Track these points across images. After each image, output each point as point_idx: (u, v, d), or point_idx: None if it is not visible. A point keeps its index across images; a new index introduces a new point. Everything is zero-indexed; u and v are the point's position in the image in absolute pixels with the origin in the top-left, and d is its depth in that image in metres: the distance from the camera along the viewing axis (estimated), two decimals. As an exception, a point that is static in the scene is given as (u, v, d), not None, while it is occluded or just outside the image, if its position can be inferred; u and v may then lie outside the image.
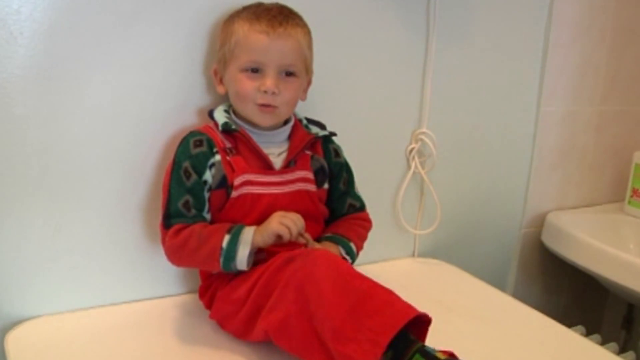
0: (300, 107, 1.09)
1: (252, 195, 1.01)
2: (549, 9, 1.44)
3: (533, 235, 1.58)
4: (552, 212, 1.57)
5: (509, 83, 1.45)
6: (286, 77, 1.01)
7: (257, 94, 1.00)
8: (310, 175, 1.06)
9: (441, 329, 1.07)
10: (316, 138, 1.09)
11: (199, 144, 1.01)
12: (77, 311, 1.09)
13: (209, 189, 1.01)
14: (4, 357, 0.97)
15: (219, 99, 1.10)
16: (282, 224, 0.94)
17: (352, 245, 1.07)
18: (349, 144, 1.16)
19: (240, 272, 0.98)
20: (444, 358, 0.82)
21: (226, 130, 1.02)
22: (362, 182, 1.17)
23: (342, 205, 1.13)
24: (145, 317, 1.08)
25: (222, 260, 0.94)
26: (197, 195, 0.99)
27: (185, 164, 0.99)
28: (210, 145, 1.01)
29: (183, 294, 1.17)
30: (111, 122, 1.05)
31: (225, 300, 1.00)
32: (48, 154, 1.02)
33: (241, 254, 0.94)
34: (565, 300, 1.70)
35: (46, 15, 0.97)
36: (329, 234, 1.08)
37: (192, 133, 1.03)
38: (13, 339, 1.00)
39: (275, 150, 1.05)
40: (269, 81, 0.99)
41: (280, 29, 0.98)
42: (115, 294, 1.12)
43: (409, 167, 1.36)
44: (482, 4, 1.36)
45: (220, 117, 1.04)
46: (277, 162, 1.04)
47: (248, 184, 1.01)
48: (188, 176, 0.99)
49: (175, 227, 0.97)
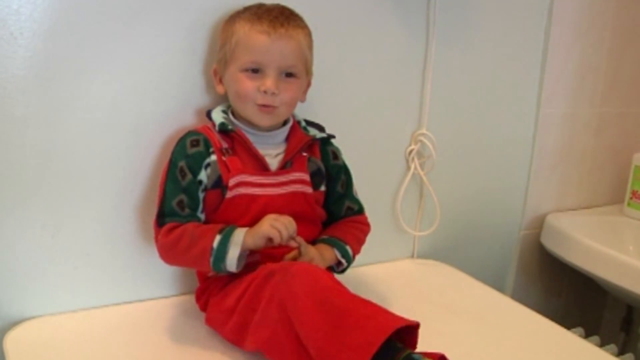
0: (300, 108, 1.09)
1: (248, 196, 1.00)
2: (549, 10, 1.44)
3: (532, 237, 1.59)
4: (551, 214, 1.57)
5: (508, 84, 1.45)
6: (286, 77, 1.01)
7: (257, 94, 1.00)
8: (306, 177, 1.06)
9: (440, 330, 1.07)
10: (314, 140, 1.08)
11: (195, 143, 1.01)
12: (76, 312, 1.09)
13: (204, 189, 1.01)
14: (3, 357, 0.97)
15: (218, 100, 1.10)
16: (273, 227, 0.94)
17: (348, 248, 1.07)
18: (349, 145, 1.16)
19: (232, 276, 0.98)
20: None
21: (223, 130, 1.02)
22: (362, 183, 1.17)
23: (339, 207, 1.12)
24: (143, 318, 1.08)
25: (212, 260, 0.94)
26: (191, 194, 0.99)
27: (181, 163, 1.00)
28: (207, 145, 1.01)
29: (180, 295, 1.17)
30: (110, 123, 1.05)
31: (217, 309, 1.00)
32: (47, 155, 1.02)
33: (231, 255, 0.94)
34: (565, 301, 1.70)
35: (46, 15, 0.97)
36: (325, 237, 1.07)
37: (189, 133, 1.03)
38: (12, 339, 0.99)
39: (272, 152, 1.05)
40: (269, 81, 0.99)
41: (282, 30, 0.98)
42: (113, 295, 1.12)
43: (408, 168, 1.36)
44: (482, 5, 1.36)
45: (218, 117, 1.04)
46: (273, 163, 1.04)
47: (243, 184, 1.01)
48: (183, 175, 0.99)
49: (168, 226, 0.97)
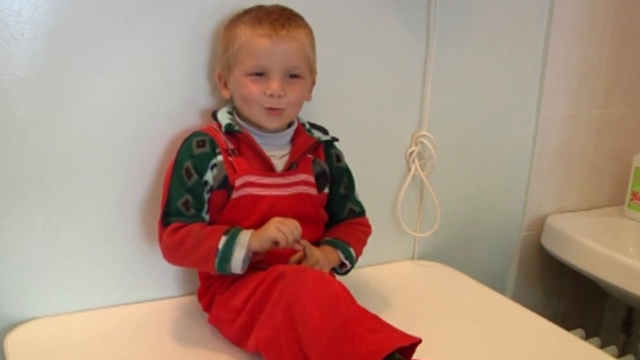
0: (301, 110, 1.09)
1: (253, 196, 1.00)
2: (549, 11, 1.44)
3: (533, 238, 1.58)
4: (551, 215, 1.57)
5: (509, 86, 1.45)
6: (291, 79, 1.01)
7: (263, 97, 1.00)
8: (311, 178, 1.06)
9: (440, 331, 1.08)
10: (318, 142, 1.09)
11: (201, 144, 1.01)
12: (77, 313, 1.08)
13: (210, 190, 1.01)
14: (4, 358, 0.97)
15: (221, 100, 1.10)
16: (279, 230, 0.94)
17: (351, 250, 1.07)
18: (349, 146, 1.16)
19: (236, 276, 0.98)
20: None
21: (229, 131, 1.02)
22: (362, 185, 1.17)
23: (342, 209, 1.13)
24: (145, 319, 1.08)
25: (217, 261, 0.94)
26: (197, 195, 0.99)
27: (187, 163, 0.99)
28: (213, 146, 1.01)
29: (182, 296, 1.17)
30: (112, 124, 1.05)
31: (223, 307, 0.99)
32: (48, 155, 1.02)
33: (236, 257, 0.94)
34: (565, 303, 1.69)
35: (47, 16, 0.97)
36: (329, 238, 1.08)
37: (195, 133, 1.03)
38: (13, 341, 0.99)
39: (278, 153, 1.05)
40: (275, 85, 0.99)
41: (283, 32, 0.98)
42: (114, 296, 1.12)
43: (409, 169, 1.36)
44: (482, 6, 1.36)
45: (224, 118, 1.04)
46: (279, 164, 1.04)
47: (249, 185, 1.01)
48: (189, 176, 0.99)
49: (173, 226, 0.97)
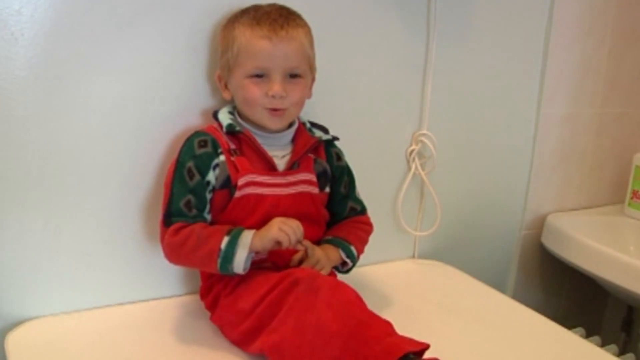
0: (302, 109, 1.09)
1: (256, 195, 1.00)
2: (550, 11, 1.44)
3: (533, 237, 1.58)
4: (552, 214, 1.57)
5: (509, 85, 1.45)
6: (291, 78, 1.01)
7: (265, 99, 1.00)
8: (313, 177, 1.06)
9: (441, 330, 1.08)
10: (319, 142, 1.09)
11: (203, 144, 1.01)
12: (78, 312, 1.09)
13: (212, 190, 1.01)
14: (5, 357, 0.97)
15: (222, 101, 1.10)
16: (281, 230, 0.94)
17: (352, 249, 1.07)
18: (350, 145, 1.16)
19: (242, 278, 0.98)
20: None
21: (230, 131, 1.02)
22: (363, 184, 1.17)
23: (343, 208, 1.13)
24: (146, 318, 1.08)
25: (219, 261, 0.94)
26: (199, 195, 0.99)
27: (189, 163, 0.99)
28: (215, 146, 1.01)
29: (184, 295, 1.17)
30: (112, 124, 1.05)
31: (229, 310, 0.99)
32: (48, 155, 1.02)
33: (239, 257, 0.94)
34: (565, 302, 1.69)
35: (47, 16, 0.97)
36: (330, 237, 1.08)
37: (196, 133, 1.03)
38: (13, 340, 1.00)
39: (279, 153, 1.05)
40: (276, 86, 0.99)
41: (282, 32, 0.98)
42: (115, 295, 1.12)
43: (409, 168, 1.36)
44: (483, 6, 1.36)
45: (225, 118, 1.04)
46: (280, 164, 1.04)
47: (252, 184, 1.01)
48: (191, 176, 0.99)
49: (175, 226, 0.97)
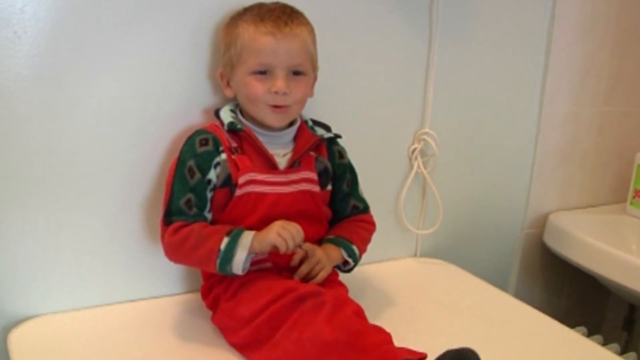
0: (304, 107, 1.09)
1: (256, 194, 1.00)
2: (552, 9, 1.44)
3: (535, 236, 1.58)
4: (554, 213, 1.57)
5: (511, 84, 1.45)
6: (294, 76, 1.01)
7: (268, 95, 1.00)
8: (314, 176, 1.06)
9: (442, 328, 1.08)
10: (321, 140, 1.08)
11: (204, 142, 1.01)
12: (80, 310, 1.09)
13: (213, 188, 1.01)
14: (7, 355, 0.97)
15: (224, 99, 1.10)
16: (280, 235, 0.94)
17: (354, 248, 1.07)
18: (352, 144, 1.16)
19: (242, 282, 0.98)
20: None
21: (232, 129, 1.02)
22: (365, 182, 1.17)
23: (345, 206, 1.13)
24: (148, 316, 1.08)
25: (218, 262, 0.94)
26: (199, 194, 0.99)
27: (190, 162, 0.99)
28: (216, 144, 1.01)
29: (185, 293, 1.17)
30: (114, 122, 1.05)
31: (229, 315, 0.99)
32: (51, 153, 1.02)
33: (238, 258, 0.94)
34: (567, 300, 1.69)
35: (50, 14, 0.97)
36: (332, 237, 1.08)
37: (198, 132, 1.03)
38: (15, 338, 1.00)
39: (281, 151, 1.05)
40: (280, 82, 0.99)
41: (286, 29, 0.98)
42: (117, 293, 1.12)
43: (411, 167, 1.36)
44: (485, 4, 1.35)
45: (226, 116, 1.04)
46: (281, 162, 1.04)
47: (252, 182, 1.01)
48: (192, 175, 0.99)
49: (175, 225, 0.97)
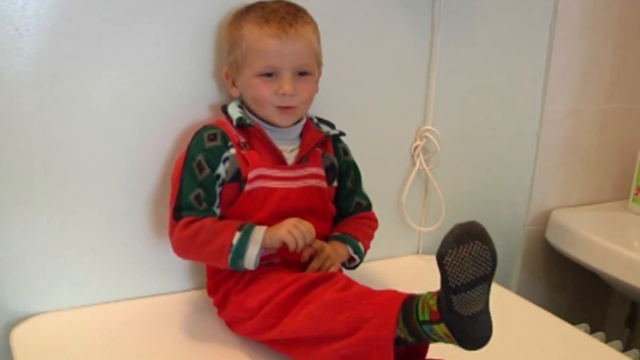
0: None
1: (265, 189, 1.01)
2: (554, 6, 1.44)
3: (537, 233, 1.58)
4: (556, 210, 1.57)
5: (513, 80, 1.45)
6: (301, 76, 1.01)
7: (274, 97, 1.00)
8: (321, 171, 1.06)
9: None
10: (327, 136, 1.09)
11: (213, 137, 1.01)
12: (84, 307, 1.09)
13: (222, 183, 1.01)
14: (10, 352, 0.97)
15: (226, 95, 1.10)
16: (290, 233, 0.94)
17: (360, 245, 1.08)
18: (354, 141, 1.16)
19: (253, 276, 0.98)
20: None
21: (241, 125, 1.02)
22: (367, 179, 1.17)
23: (349, 203, 1.13)
24: (152, 313, 1.08)
25: (230, 256, 0.94)
26: (208, 189, 0.99)
27: (199, 157, 0.99)
28: (225, 139, 1.01)
29: (191, 290, 1.17)
30: (118, 119, 1.05)
31: (239, 307, 0.99)
32: (53, 151, 1.02)
33: (250, 253, 0.94)
34: (570, 298, 1.69)
35: (52, 11, 0.97)
36: (338, 233, 1.08)
37: (205, 127, 1.03)
38: (18, 335, 1.00)
39: (288, 147, 1.05)
40: (287, 85, 0.99)
41: (292, 31, 0.98)
42: (121, 291, 1.12)
43: (413, 164, 1.36)
44: (487, 1, 1.35)
45: (235, 112, 1.04)
46: (289, 158, 1.04)
47: (261, 177, 1.01)
48: (201, 170, 0.99)
49: (185, 220, 0.97)
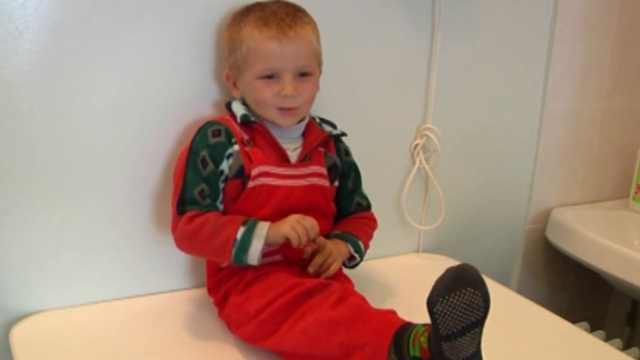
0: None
1: (268, 186, 1.01)
2: (554, 4, 1.44)
3: (537, 232, 1.58)
4: (556, 208, 1.57)
5: (513, 79, 1.45)
6: (302, 77, 1.01)
7: (276, 99, 1.00)
8: (324, 170, 1.07)
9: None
10: (330, 136, 1.09)
11: (217, 133, 1.01)
12: (84, 305, 1.09)
13: (225, 179, 1.01)
14: (9, 351, 0.97)
15: (227, 92, 1.09)
16: (294, 229, 0.94)
17: (360, 244, 1.08)
18: (355, 139, 1.16)
19: (254, 277, 0.98)
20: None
21: (245, 122, 1.02)
22: (367, 178, 1.17)
23: (350, 203, 1.13)
24: (153, 312, 1.08)
25: (234, 251, 0.94)
26: (212, 184, 0.99)
27: (203, 152, 0.99)
28: (229, 136, 1.01)
29: (191, 288, 1.17)
30: (117, 117, 1.05)
31: (237, 310, 0.99)
32: (53, 149, 1.02)
33: (254, 248, 0.94)
34: (570, 296, 1.69)
35: (52, 9, 0.97)
36: (338, 232, 1.09)
37: (209, 123, 1.03)
38: (18, 333, 1.00)
39: (291, 145, 1.05)
40: (288, 87, 0.99)
41: (291, 32, 0.98)
42: (121, 289, 1.12)
43: (413, 162, 1.36)
44: (487, 0, 1.35)
45: (239, 109, 1.04)
46: (292, 156, 1.04)
47: (265, 175, 1.01)
48: (205, 165, 0.99)
49: (189, 214, 0.97)
